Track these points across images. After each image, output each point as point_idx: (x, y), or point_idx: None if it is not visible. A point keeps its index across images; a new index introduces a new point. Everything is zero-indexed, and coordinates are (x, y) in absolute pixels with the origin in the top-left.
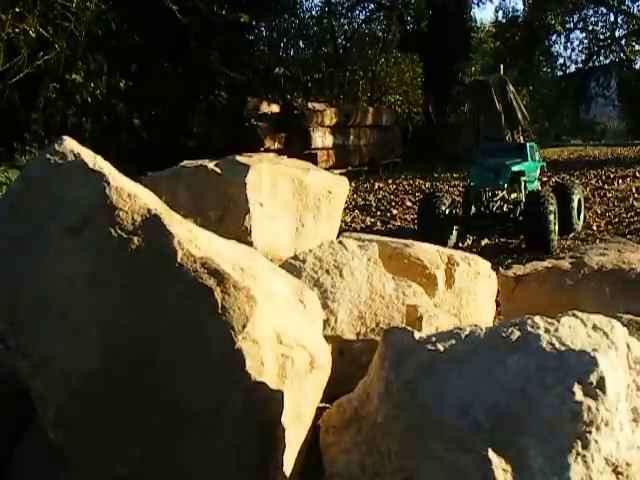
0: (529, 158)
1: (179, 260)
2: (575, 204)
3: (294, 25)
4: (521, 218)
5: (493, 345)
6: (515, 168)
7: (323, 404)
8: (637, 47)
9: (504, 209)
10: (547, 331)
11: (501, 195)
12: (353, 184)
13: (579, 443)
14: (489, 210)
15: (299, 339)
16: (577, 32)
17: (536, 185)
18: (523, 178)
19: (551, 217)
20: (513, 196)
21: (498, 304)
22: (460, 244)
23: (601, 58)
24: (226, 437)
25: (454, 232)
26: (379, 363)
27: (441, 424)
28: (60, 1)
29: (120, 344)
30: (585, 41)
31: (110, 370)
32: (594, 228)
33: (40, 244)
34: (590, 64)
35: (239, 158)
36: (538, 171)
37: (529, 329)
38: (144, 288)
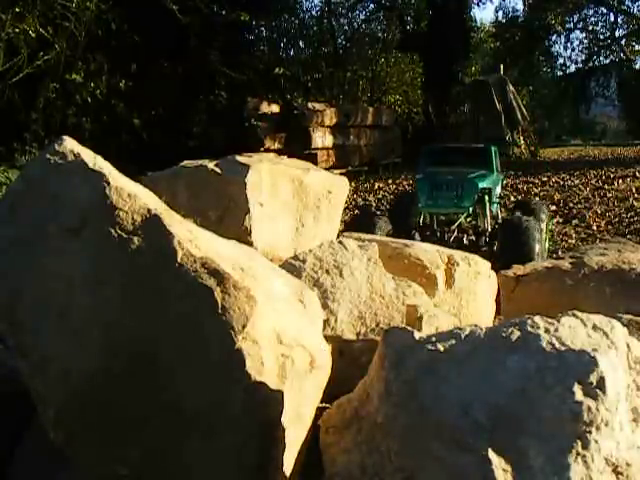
0: (495, 169)
1: (179, 260)
2: (544, 228)
3: (294, 25)
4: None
5: (493, 345)
6: (483, 185)
7: (323, 404)
8: (637, 47)
9: (464, 241)
10: (547, 331)
11: (459, 222)
12: (353, 184)
13: (579, 443)
14: (443, 242)
15: (299, 339)
16: (577, 32)
17: (496, 208)
18: (489, 199)
19: (537, 252)
20: (476, 223)
21: (498, 304)
22: None
23: (601, 58)
24: (226, 437)
25: None
26: (379, 363)
27: (441, 424)
28: (60, 1)
29: (120, 344)
30: (585, 41)
31: (110, 370)
32: (594, 228)
33: (40, 244)
34: (590, 64)
35: (239, 158)
36: (500, 188)
37: (529, 329)
38: (144, 288)
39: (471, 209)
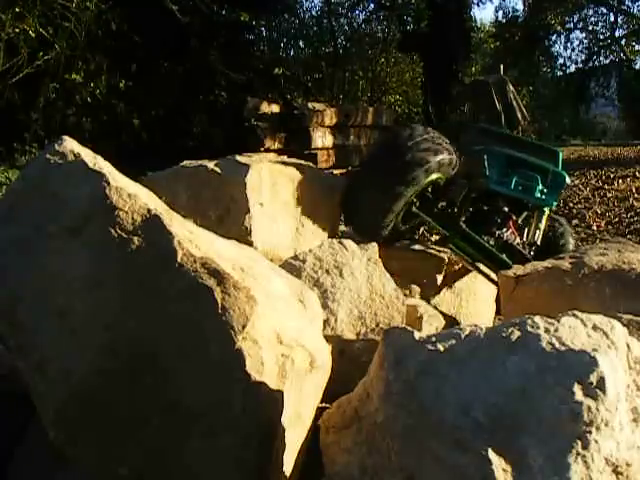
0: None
1: (179, 260)
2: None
3: (294, 25)
4: None
5: (493, 345)
6: (568, 180)
7: (323, 404)
8: (637, 47)
9: (513, 243)
10: (547, 331)
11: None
12: None
13: (579, 443)
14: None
15: (299, 339)
16: (577, 32)
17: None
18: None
19: None
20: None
21: (498, 304)
22: None
23: (601, 58)
24: (226, 437)
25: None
26: (379, 363)
27: (441, 424)
28: (60, 1)
29: (120, 344)
30: (585, 41)
31: (110, 370)
32: (594, 228)
33: (40, 244)
34: (590, 64)
35: (239, 158)
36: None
37: (529, 329)
38: (144, 288)
39: (554, 204)
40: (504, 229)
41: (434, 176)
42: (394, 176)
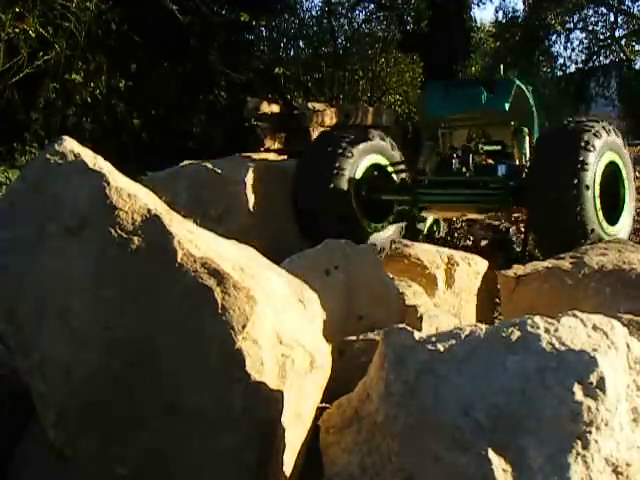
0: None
1: (179, 260)
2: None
3: (294, 25)
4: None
5: (493, 345)
6: (519, 82)
7: (323, 404)
8: (637, 47)
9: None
10: (547, 331)
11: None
12: None
13: (579, 443)
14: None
15: (299, 339)
16: (577, 32)
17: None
18: (529, 132)
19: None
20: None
21: (498, 304)
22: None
23: (601, 58)
24: (226, 437)
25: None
26: (379, 363)
27: (441, 424)
28: (60, 1)
29: (120, 344)
30: (585, 41)
31: (110, 370)
32: None
33: (40, 244)
34: (590, 64)
35: (239, 158)
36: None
37: (529, 329)
38: (144, 288)
39: (507, 106)
40: (472, 162)
41: (372, 158)
42: (331, 151)
